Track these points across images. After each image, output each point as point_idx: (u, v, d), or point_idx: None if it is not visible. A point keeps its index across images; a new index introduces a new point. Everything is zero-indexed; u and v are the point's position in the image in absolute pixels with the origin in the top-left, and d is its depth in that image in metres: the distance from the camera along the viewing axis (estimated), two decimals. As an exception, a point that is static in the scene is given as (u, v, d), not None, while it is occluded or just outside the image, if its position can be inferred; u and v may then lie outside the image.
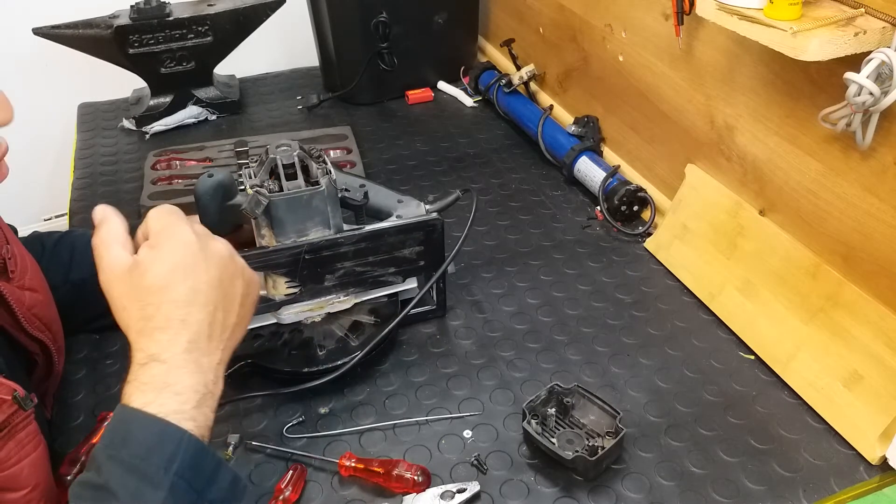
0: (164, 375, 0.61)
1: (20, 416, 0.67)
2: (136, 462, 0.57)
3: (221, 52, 1.49)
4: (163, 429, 0.58)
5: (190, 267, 0.65)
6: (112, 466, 0.57)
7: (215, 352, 0.65)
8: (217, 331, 0.65)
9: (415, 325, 1.00)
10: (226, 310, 0.66)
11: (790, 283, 0.94)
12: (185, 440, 0.58)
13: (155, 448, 0.58)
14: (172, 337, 0.62)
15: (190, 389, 0.61)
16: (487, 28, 1.71)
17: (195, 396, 0.61)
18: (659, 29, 1.10)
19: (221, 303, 0.66)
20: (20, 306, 0.76)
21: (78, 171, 1.37)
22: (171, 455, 0.57)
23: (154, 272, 0.64)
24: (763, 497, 0.78)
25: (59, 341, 0.84)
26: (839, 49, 0.75)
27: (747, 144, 0.99)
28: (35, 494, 0.68)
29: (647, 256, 1.13)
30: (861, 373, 0.84)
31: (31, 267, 0.82)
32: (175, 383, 0.61)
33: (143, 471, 0.57)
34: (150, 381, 0.60)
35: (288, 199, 0.84)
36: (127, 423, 0.59)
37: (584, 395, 0.85)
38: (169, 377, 0.61)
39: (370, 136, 1.47)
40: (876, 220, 0.83)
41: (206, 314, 0.64)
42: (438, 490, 0.78)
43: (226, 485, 0.61)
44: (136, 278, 0.64)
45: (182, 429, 0.59)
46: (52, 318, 0.83)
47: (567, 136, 1.32)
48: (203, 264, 0.66)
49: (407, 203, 0.95)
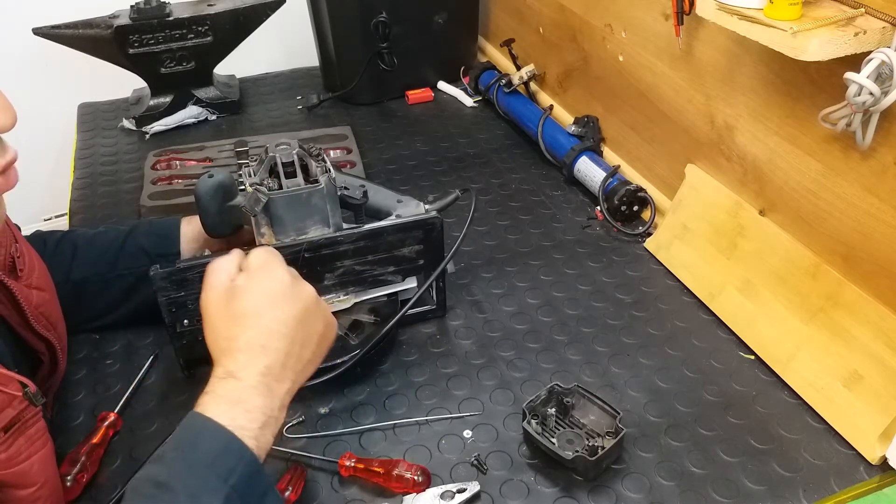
0: (238, 392, 0.65)
1: (30, 413, 0.67)
2: (200, 467, 0.60)
3: (221, 52, 1.49)
4: (229, 440, 0.62)
5: (279, 300, 0.71)
6: (179, 466, 0.61)
7: (286, 381, 0.69)
8: (292, 362, 0.70)
9: (415, 325, 1.00)
10: (303, 344, 0.71)
11: (790, 283, 0.94)
12: (247, 456, 0.62)
13: (220, 457, 0.61)
14: (251, 359, 0.67)
15: (259, 410, 0.65)
16: (487, 28, 1.71)
17: (262, 417, 0.65)
18: (659, 29, 1.10)
19: (300, 337, 0.71)
20: (28, 305, 0.76)
21: (78, 171, 1.37)
22: (232, 467, 0.61)
23: (246, 299, 0.70)
24: (763, 497, 0.78)
25: (63, 341, 0.85)
26: (839, 49, 0.75)
27: (747, 144, 0.99)
28: (44, 492, 0.68)
29: (647, 256, 1.13)
30: (861, 373, 0.84)
31: (38, 266, 0.82)
32: (247, 401, 0.65)
33: (205, 476, 0.60)
34: (226, 395, 0.65)
35: (287, 197, 0.84)
36: (198, 429, 0.63)
37: (584, 395, 0.85)
38: (242, 394, 0.65)
39: (370, 136, 1.47)
40: (876, 220, 0.83)
41: (285, 345, 0.69)
42: (438, 490, 0.78)
43: None
44: (229, 301, 0.70)
45: (245, 445, 0.62)
46: (58, 317, 0.84)
47: (567, 136, 1.32)
48: (290, 300, 0.71)
49: (406, 203, 0.96)
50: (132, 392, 0.91)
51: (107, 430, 0.84)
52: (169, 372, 0.94)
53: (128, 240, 0.95)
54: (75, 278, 0.93)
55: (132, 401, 0.90)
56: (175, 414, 0.87)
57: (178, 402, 0.90)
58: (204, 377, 0.94)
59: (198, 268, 0.84)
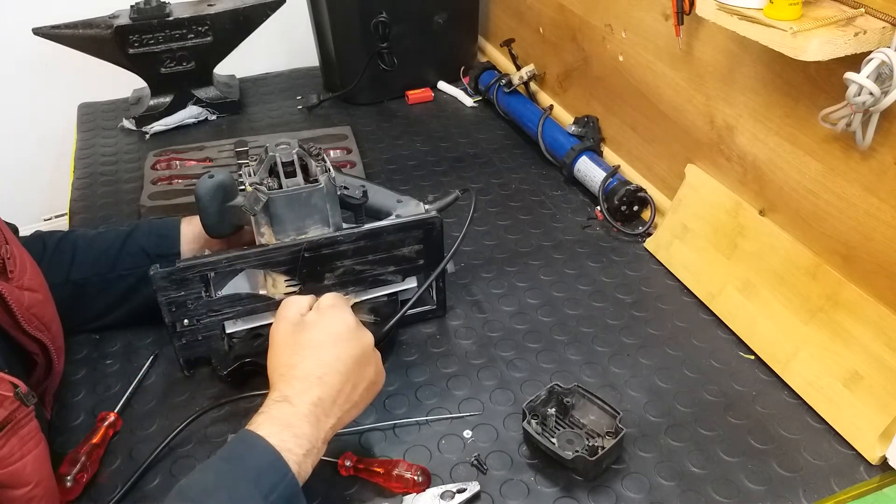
0: (290, 417, 0.68)
1: (22, 413, 0.67)
2: (245, 480, 0.63)
3: (221, 52, 1.49)
4: (276, 459, 0.65)
5: (342, 340, 0.75)
6: (225, 476, 0.64)
7: (333, 417, 0.72)
8: (342, 399, 0.73)
9: (415, 325, 1.00)
10: (354, 385, 0.74)
11: (790, 283, 0.94)
12: (289, 478, 0.65)
13: (264, 473, 0.64)
14: (307, 388, 0.71)
15: (306, 437, 0.68)
16: (487, 28, 1.71)
17: (307, 445, 0.67)
18: (659, 29, 1.10)
19: (353, 378, 0.74)
20: (19, 306, 0.76)
21: (78, 171, 1.37)
22: (274, 485, 0.63)
23: (312, 332, 0.75)
24: (763, 497, 0.78)
25: (58, 341, 0.84)
26: (839, 49, 0.75)
27: (747, 144, 0.99)
28: (38, 491, 0.68)
29: (647, 256, 1.13)
30: (861, 373, 0.84)
31: (30, 267, 0.82)
32: (296, 426, 0.68)
33: (247, 490, 0.62)
34: (279, 418, 0.68)
35: (287, 196, 0.84)
36: (249, 444, 0.66)
37: (584, 395, 0.85)
38: (293, 419, 0.68)
39: (370, 136, 1.47)
40: (876, 220, 0.83)
41: (339, 382, 0.72)
42: (438, 490, 0.78)
43: None
44: (296, 333, 0.75)
45: (289, 467, 0.65)
46: (52, 317, 0.84)
47: (567, 136, 1.32)
48: (352, 342, 0.75)
49: (406, 203, 0.96)
50: (132, 392, 0.90)
51: (107, 430, 0.84)
52: (169, 372, 0.94)
53: (128, 240, 0.95)
54: (75, 278, 0.93)
55: (132, 401, 0.90)
56: (175, 414, 0.87)
57: (178, 402, 0.90)
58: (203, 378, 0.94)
59: (197, 268, 0.84)
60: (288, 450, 0.65)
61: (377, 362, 0.79)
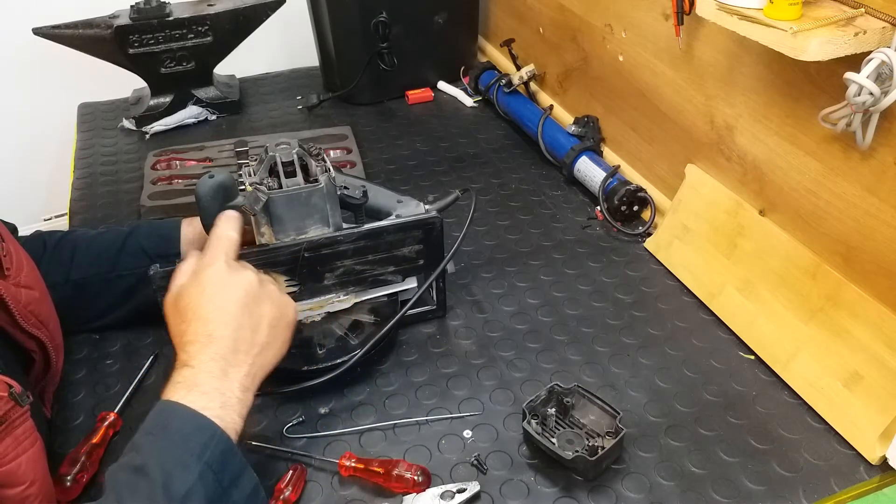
0: (192, 377, 0.68)
1: (17, 413, 0.67)
2: (173, 446, 0.63)
3: (221, 52, 1.49)
4: (199, 420, 0.65)
5: (216, 291, 0.74)
6: (152, 449, 0.64)
7: (243, 364, 0.72)
8: (244, 346, 0.73)
9: (415, 325, 1.00)
10: (253, 328, 0.74)
11: (790, 283, 0.94)
12: (217, 434, 0.65)
13: (190, 436, 0.64)
14: (200, 348, 0.71)
15: (215, 391, 0.68)
16: (487, 28, 1.71)
17: (220, 398, 0.68)
18: (659, 29, 1.10)
19: (247, 321, 0.74)
20: (16, 304, 0.76)
21: (78, 171, 1.37)
22: (204, 444, 0.64)
23: (189, 296, 0.74)
24: (763, 497, 0.78)
25: (56, 339, 0.84)
26: (839, 49, 0.75)
27: (747, 144, 0.99)
28: (33, 490, 0.68)
29: (647, 256, 1.13)
30: (861, 373, 0.84)
31: (26, 264, 0.82)
32: (202, 384, 0.68)
33: (178, 455, 0.63)
34: (182, 381, 0.68)
35: (287, 196, 0.84)
36: (167, 413, 0.66)
37: (584, 395, 0.85)
38: (197, 379, 0.68)
39: (370, 136, 1.47)
40: (876, 220, 0.83)
41: (231, 330, 0.72)
42: (438, 490, 0.78)
43: (248, 490, 0.67)
44: (177, 303, 0.75)
45: (215, 424, 0.65)
46: (49, 315, 0.84)
47: (567, 136, 1.32)
48: (230, 289, 0.75)
49: (406, 203, 0.95)
50: (132, 392, 0.90)
51: (107, 430, 0.84)
52: (169, 372, 0.93)
53: (128, 240, 0.95)
54: (75, 278, 0.93)
55: (132, 401, 0.90)
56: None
57: (178, 402, 0.90)
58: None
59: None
60: (201, 408, 0.66)
61: (270, 295, 0.77)
